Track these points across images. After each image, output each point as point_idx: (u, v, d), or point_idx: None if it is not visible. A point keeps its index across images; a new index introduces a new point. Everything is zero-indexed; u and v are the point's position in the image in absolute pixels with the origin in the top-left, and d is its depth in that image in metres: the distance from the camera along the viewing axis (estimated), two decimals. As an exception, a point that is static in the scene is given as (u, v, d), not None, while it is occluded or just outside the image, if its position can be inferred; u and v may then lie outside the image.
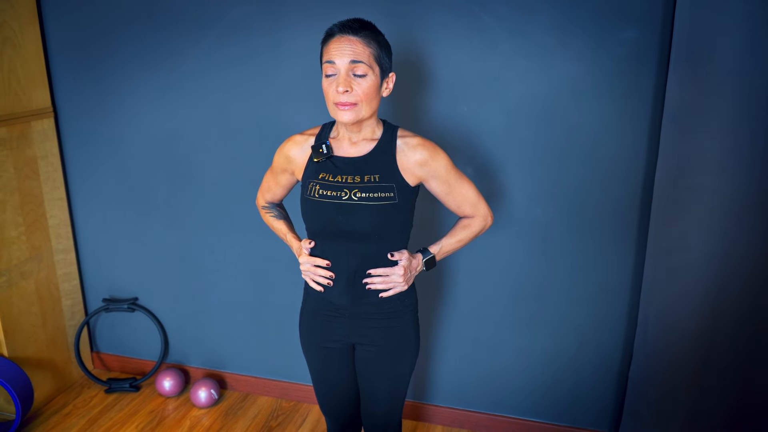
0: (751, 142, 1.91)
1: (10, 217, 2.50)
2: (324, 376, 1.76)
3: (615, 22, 2.01)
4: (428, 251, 1.71)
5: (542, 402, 2.48)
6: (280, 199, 1.85)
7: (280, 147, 1.70)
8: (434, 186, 1.63)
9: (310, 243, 1.64)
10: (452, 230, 1.73)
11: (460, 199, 1.67)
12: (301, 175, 1.64)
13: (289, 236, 1.80)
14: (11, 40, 2.44)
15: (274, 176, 1.77)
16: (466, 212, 1.70)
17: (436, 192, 1.65)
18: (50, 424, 2.62)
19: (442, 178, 1.61)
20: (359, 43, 1.47)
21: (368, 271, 1.60)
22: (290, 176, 1.73)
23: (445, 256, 1.75)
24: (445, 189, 1.64)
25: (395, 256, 1.62)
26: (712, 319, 2.12)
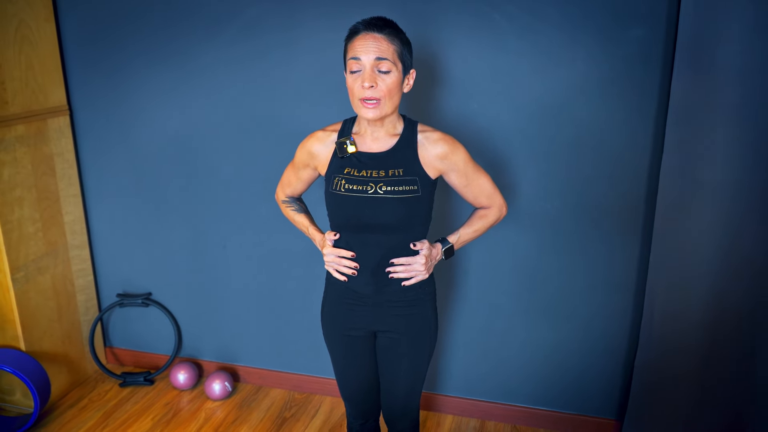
0: (754, 137, 1.98)
1: (27, 213, 2.54)
2: (346, 364, 1.82)
3: (622, 21, 2.08)
4: (447, 241, 1.77)
5: (550, 390, 2.55)
6: (300, 193, 1.91)
7: (303, 143, 1.75)
8: (453, 178, 1.69)
9: (336, 235, 1.70)
10: (469, 220, 1.80)
11: (477, 191, 1.73)
12: (325, 170, 1.70)
13: (311, 229, 1.86)
14: (28, 38, 2.48)
15: (295, 171, 1.82)
16: (482, 203, 1.76)
17: (455, 184, 1.71)
18: (66, 417, 2.67)
19: (460, 171, 1.68)
20: (384, 40, 1.53)
21: (391, 261, 1.66)
22: (312, 171, 1.78)
23: (462, 246, 1.81)
24: (464, 181, 1.70)
25: (417, 246, 1.68)
26: (717, 311, 2.19)
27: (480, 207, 1.79)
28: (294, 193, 1.90)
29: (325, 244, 1.73)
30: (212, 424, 2.62)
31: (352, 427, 1.94)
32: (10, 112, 2.42)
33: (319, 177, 1.83)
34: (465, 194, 1.74)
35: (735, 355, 2.23)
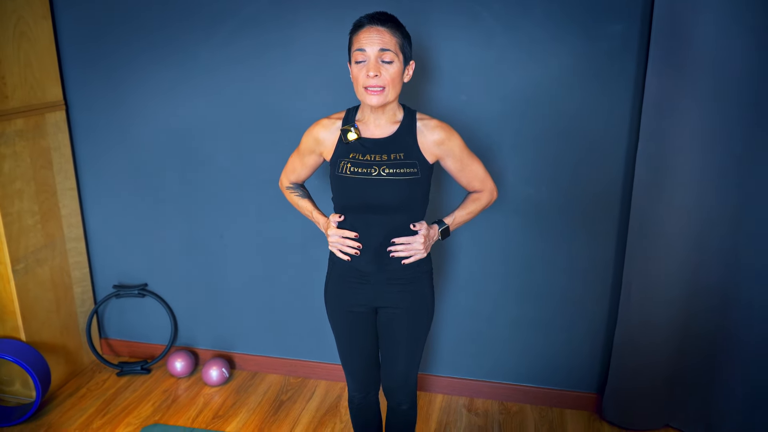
0: (723, 123, 2.14)
1: (27, 206, 2.60)
2: (350, 339, 1.93)
3: (600, 17, 2.23)
4: (443, 222, 1.90)
5: (535, 368, 2.70)
6: (304, 179, 2.01)
7: (309, 130, 1.86)
8: (449, 163, 1.82)
9: (340, 217, 1.81)
10: (463, 203, 1.93)
11: (470, 176, 1.86)
12: (330, 155, 1.81)
13: (315, 213, 1.97)
14: (26, 34, 2.54)
15: (300, 158, 1.93)
16: (475, 187, 1.89)
17: (450, 169, 1.84)
18: (66, 405, 2.72)
19: (456, 157, 1.80)
20: (386, 33, 1.65)
21: (393, 240, 1.78)
22: (317, 157, 1.89)
23: (457, 227, 1.94)
24: (458, 166, 1.83)
25: (416, 226, 1.80)
26: (691, 289, 2.36)
27: (473, 191, 1.92)
28: (298, 179, 2.00)
29: (330, 226, 1.84)
30: (212, 408, 2.71)
31: (353, 399, 2.05)
32: (10, 106, 2.47)
33: (322, 164, 1.94)
34: (459, 178, 1.87)
35: (707, 331, 2.40)
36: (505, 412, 2.70)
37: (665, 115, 2.20)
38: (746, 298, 2.30)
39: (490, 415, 2.67)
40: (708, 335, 2.40)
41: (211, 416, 2.66)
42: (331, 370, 2.89)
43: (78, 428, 2.57)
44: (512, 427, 2.59)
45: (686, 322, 2.42)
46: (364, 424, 2.10)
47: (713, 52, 2.08)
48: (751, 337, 2.33)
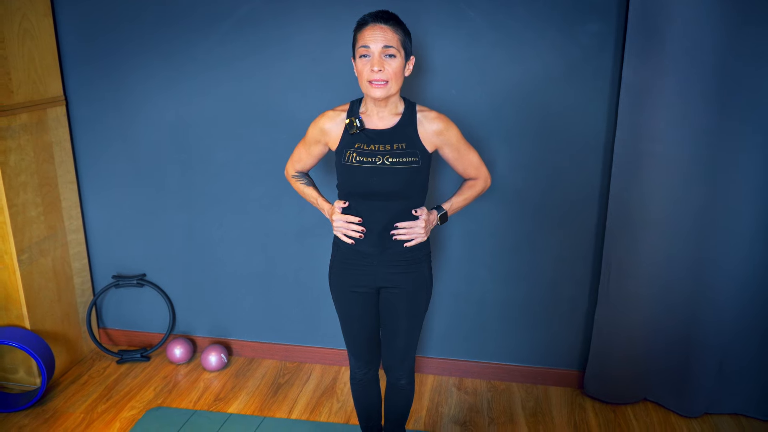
0: (694, 114, 2.32)
1: (30, 198, 2.68)
2: (353, 317, 2.05)
3: (580, 16, 2.39)
4: (442, 208, 2.04)
5: (521, 347, 2.85)
6: (309, 168, 2.13)
7: (315, 121, 1.98)
8: (447, 152, 1.96)
9: (345, 203, 1.93)
10: (459, 190, 2.07)
11: (466, 164, 2.01)
12: (336, 145, 1.93)
13: (320, 200, 2.09)
14: (30, 32, 2.62)
15: (306, 148, 2.05)
16: (470, 174, 2.04)
17: (448, 157, 1.98)
18: (70, 392, 2.80)
19: (453, 146, 1.95)
20: (389, 30, 1.79)
21: (395, 225, 1.92)
22: (323, 147, 2.01)
23: (455, 213, 2.08)
24: (456, 155, 1.97)
25: (417, 212, 1.93)
26: (665, 266, 2.53)
27: (468, 178, 2.06)
28: (303, 168, 2.12)
29: (335, 212, 1.97)
30: (212, 392, 2.81)
31: (355, 376, 2.18)
32: (15, 101, 2.55)
33: (326, 154, 2.07)
34: (456, 166, 2.01)
35: (681, 309, 2.57)
36: (493, 390, 2.85)
37: (641, 107, 2.37)
38: (717, 279, 2.48)
39: (479, 393, 2.82)
40: (682, 313, 2.57)
41: (212, 399, 2.76)
42: (325, 354, 3.01)
43: (83, 412, 2.66)
44: (500, 404, 2.74)
45: (662, 302, 2.59)
46: (365, 400, 2.22)
47: (685, 48, 2.26)
48: (722, 315, 2.52)
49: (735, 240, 2.42)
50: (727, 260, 2.45)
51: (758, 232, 2.40)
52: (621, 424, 2.61)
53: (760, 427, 2.60)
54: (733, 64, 2.24)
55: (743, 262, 2.45)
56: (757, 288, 2.49)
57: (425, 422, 2.62)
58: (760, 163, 2.33)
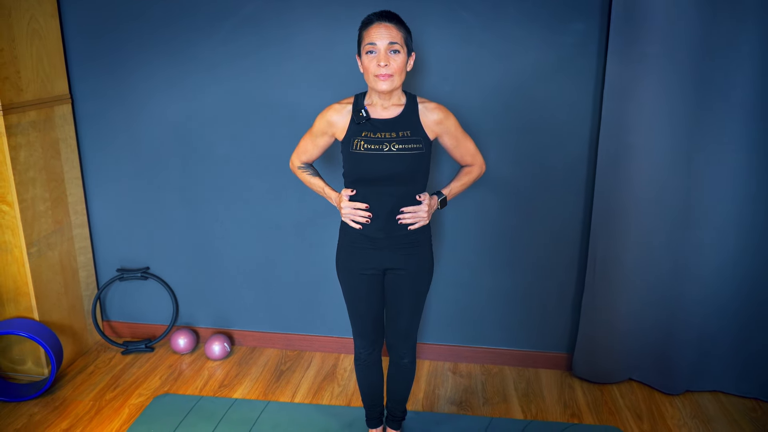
0: (674, 108, 2.48)
1: (39, 193, 2.76)
2: (360, 298, 2.17)
3: (566, 16, 2.55)
4: (441, 193, 2.17)
5: (512, 332, 2.99)
6: (314, 159, 2.25)
7: (321, 114, 2.10)
8: (446, 140, 2.09)
9: (352, 191, 2.06)
10: (457, 176, 2.21)
11: (464, 151, 2.14)
12: (343, 135, 2.05)
13: (326, 189, 2.20)
14: (38, 32, 2.71)
15: (313, 139, 2.16)
16: (467, 161, 2.18)
17: (447, 145, 2.11)
18: (77, 381, 2.89)
19: (452, 134, 2.08)
20: (393, 28, 1.92)
21: (401, 209, 2.04)
22: (329, 138, 2.13)
23: (453, 197, 2.22)
24: (454, 143, 2.11)
25: (420, 197, 2.06)
26: (648, 252, 2.68)
27: (465, 165, 2.20)
28: (309, 159, 2.24)
29: (342, 199, 2.09)
30: (217, 379, 2.91)
31: (360, 356, 2.30)
32: (24, 99, 2.64)
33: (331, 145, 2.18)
34: (454, 153, 2.15)
35: (663, 291, 2.72)
36: (487, 373, 2.98)
37: (624, 101, 2.52)
38: (696, 265, 2.64)
39: (473, 377, 2.95)
40: (663, 297, 2.73)
41: (217, 386, 2.86)
42: (325, 342, 3.13)
43: (92, 400, 2.74)
44: (493, 386, 2.88)
45: (644, 285, 2.74)
46: (369, 380, 2.34)
47: (665, 46, 2.42)
48: (701, 298, 2.67)
49: (713, 226, 2.58)
50: (705, 245, 2.61)
51: (735, 218, 2.56)
52: (608, 402, 2.75)
53: (738, 403, 2.76)
54: (708, 61, 2.41)
55: (721, 247, 2.61)
56: (733, 273, 2.65)
57: (423, 404, 2.74)
58: (736, 153, 2.49)
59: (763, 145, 2.47)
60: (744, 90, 2.42)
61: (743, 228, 2.58)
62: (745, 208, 2.56)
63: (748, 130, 2.46)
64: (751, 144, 2.48)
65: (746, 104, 2.43)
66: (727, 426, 2.60)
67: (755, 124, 2.45)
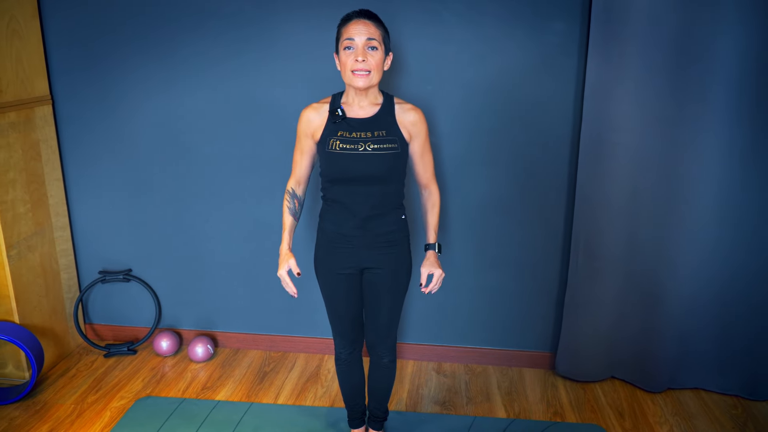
0: (651, 105, 2.50)
1: (19, 195, 2.74)
2: (339, 298, 2.17)
3: (546, 16, 2.56)
4: (433, 244, 2.17)
5: (496, 331, 3.00)
6: (305, 173, 2.16)
7: (301, 115, 2.09)
8: (415, 146, 2.08)
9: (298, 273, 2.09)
10: (429, 216, 2.18)
11: (427, 163, 2.13)
12: (320, 134, 2.05)
13: (285, 235, 2.14)
14: (18, 32, 2.69)
15: (299, 146, 2.13)
16: (426, 178, 2.15)
17: (414, 152, 2.09)
18: (59, 384, 2.87)
19: (421, 141, 2.09)
20: (372, 25, 1.93)
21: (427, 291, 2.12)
22: (312, 141, 2.09)
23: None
24: (420, 151, 2.10)
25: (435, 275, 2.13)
26: (629, 250, 2.70)
27: (423, 183, 2.16)
28: (300, 174, 2.15)
29: (282, 266, 2.09)
30: (200, 381, 2.90)
31: (340, 356, 2.29)
32: (3, 100, 2.62)
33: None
34: (417, 164, 2.12)
35: (643, 291, 2.74)
36: (471, 372, 2.99)
37: (604, 100, 2.54)
38: (675, 260, 2.66)
39: (457, 376, 2.96)
40: (644, 295, 2.75)
41: (200, 388, 2.85)
42: (309, 343, 3.13)
43: (73, 403, 2.72)
44: (477, 386, 2.88)
45: (626, 285, 2.76)
46: (349, 379, 2.34)
47: (643, 45, 2.45)
48: (681, 296, 2.70)
49: (692, 222, 2.60)
50: (685, 242, 2.63)
51: (714, 214, 2.59)
52: (590, 400, 2.77)
53: (719, 400, 2.78)
54: (686, 60, 2.43)
55: (700, 243, 2.63)
56: (712, 271, 2.67)
57: (407, 404, 2.74)
58: (714, 150, 2.51)
59: (740, 142, 2.50)
60: (721, 88, 2.44)
61: (722, 226, 2.60)
62: (724, 206, 2.58)
63: (725, 128, 2.49)
64: (728, 142, 2.50)
65: (723, 103, 2.45)
66: (708, 423, 2.62)
67: (732, 122, 2.48)
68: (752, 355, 2.74)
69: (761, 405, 2.74)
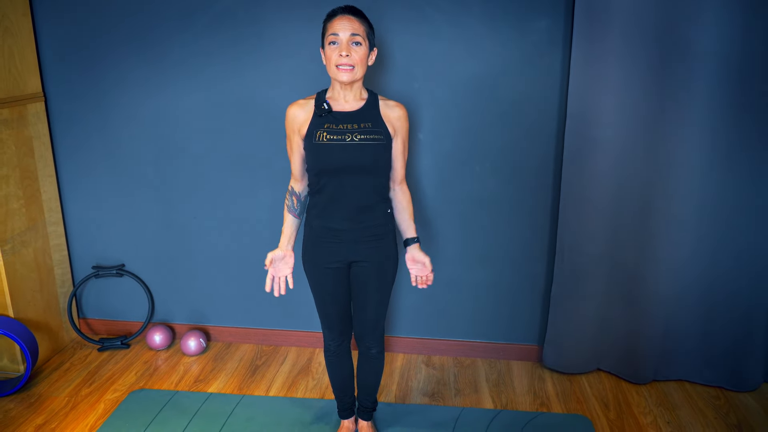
0: (634, 101, 2.55)
1: (12, 191, 2.78)
2: (327, 292, 2.21)
3: (531, 14, 2.60)
4: (414, 239, 2.23)
5: (485, 325, 3.05)
6: (301, 169, 2.19)
7: (287, 113, 2.12)
8: (398, 141, 2.13)
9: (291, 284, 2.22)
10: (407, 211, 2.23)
11: (402, 162, 2.17)
12: (306, 129, 2.09)
13: (285, 230, 2.22)
14: (10, 30, 2.72)
15: (289, 143, 2.17)
16: (400, 175, 2.19)
17: (396, 147, 2.13)
18: (53, 378, 2.91)
19: (402, 138, 2.14)
20: (356, 21, 1.98)
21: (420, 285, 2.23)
22: (299, 137, 2.14)
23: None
24: (401, 148, 2.15)
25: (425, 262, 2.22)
26: (612, 242, 2.75)
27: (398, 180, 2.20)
28: (296, 172, 2.19)
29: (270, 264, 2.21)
30: (192, 375, 2.94)
31: (329, 348, 2.34)
32: (-4, 96, 2.66)
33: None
34: (396, 160, 2.15)
35: (628, 280, 2.79)
36: (459, 365, 3.04)
37: (588, 97, 2.58)
38: (659, 254, 2.70)
39: (446, 369, 3.01)
40: (629, 288, 2.80)
41: (192, 381, 2.89)
42: (300, 337, 3.17)
43: (67, 396, 2.76)
44: (466, 377, 2.93)
45: (610, 280, 2.81)
46: (339, 370, 2.38)
47: (626, 42, 2.49)
48: (664, 289, 2.74)
49: (675, 217, 2.64)
50: (669, 238, 2.68)
51: (696, 209, 2.63)
52: (576, 392, 2.82)
53: (702, 391, 2.83)
54: (667, 56, 2.47)
55: (683, 239, 2.68)
56: (695, 265, 2.72)
57: (396, 395, 2.79)
58: (697, 146, 2.56)
59: (723, 137, 2.54)
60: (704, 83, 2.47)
61: (705, 221, 2.65)
62: (707, 201, 2.63)
63: (708, 123, 2.53)
64: (711, 136, 2.54)
65: (706, 98, 2.49)
66: (692, 413, 2.67)
67: (715, 117, 2.51)
68: (734, 348, 2.79)
69: (743, 396, 2.80)
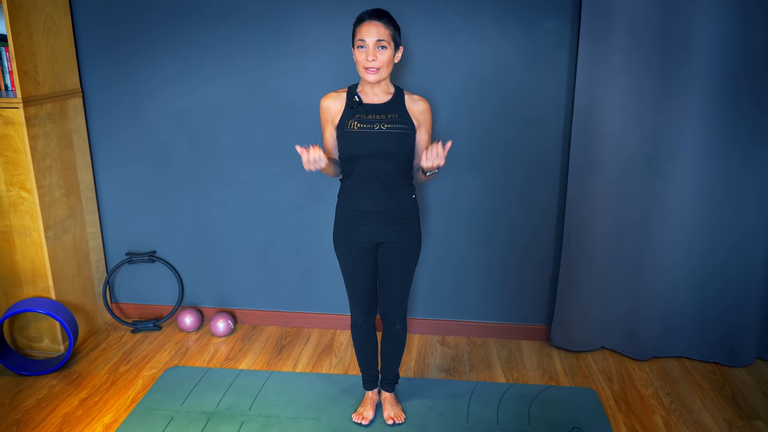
0: (638, 99, 2.74)
1: (55, 180, 2.96)
2: (356, 271, 2.41)
3: (540, 15, 2.80)
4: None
5: (495, 306, 3.25)
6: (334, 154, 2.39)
7: (320, 104, 2.33)
8: (422, 132, 2.32)
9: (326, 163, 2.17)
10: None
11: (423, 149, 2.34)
12: (338, 119, 2.29)
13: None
14: (53, 30, 2.90)
15: (324, 133, 2.37)
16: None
17: (421, 138, 2.32)
18: (92, 357, 3.09)
19: (426, 129, 2.33)
20: (381, 26, 2.16)
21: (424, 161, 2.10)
22: (332, 127, 2.35)
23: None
24: (425, 138, 2.34)
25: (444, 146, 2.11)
26: (615, 226, 2.95)
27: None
28: (330, 154, 2.39)
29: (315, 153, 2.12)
30: (222, 353, 3.13)
31: (356, 323, 2.53)
32: (41, 92, 2.84)
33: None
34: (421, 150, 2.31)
35: (630, 265, 2.99)
36: (472, 344, 3.24)
37: (593, 93, 2.78)
38: (660, 239, 2.90)
39: (460, 347, 3.20)
40: (631, 270, 2.99)
41: (223, 358, 3.08)
42: (323, 319, 3.36)
43: (107, 373, 2.95)
44: (479, 355, 3.13)
45: (614, 263, 3.01)
46: (365, 345, 2.58)
47: (632, 41, 2.68)
48: (664, 272, 2.94)
49: (675, 203, 2.84)
50: (669, 226, 2.87)
51: (695, 194, 2.83)
52: (582, 368, 3.02)
53: (700, 367, 3.04)
54: (668, 55, 2.67)
55: (683, 228, 2.88)
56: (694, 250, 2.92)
57: (414, 371, 2.99)
58: (696, 136, 2.76)
59: (724, 131, 2.74)
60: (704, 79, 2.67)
61: (702, 209, 2.85)
62: (706, 191, 2.83)
63: (707, 117, 2.73)
64: (713, 131, 2.74)
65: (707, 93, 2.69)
66: (690, 386, 2.87)
67: (714, 110, 2.71)
68: (729, 326, 2.99)
69: (737, 371, 3.00)
